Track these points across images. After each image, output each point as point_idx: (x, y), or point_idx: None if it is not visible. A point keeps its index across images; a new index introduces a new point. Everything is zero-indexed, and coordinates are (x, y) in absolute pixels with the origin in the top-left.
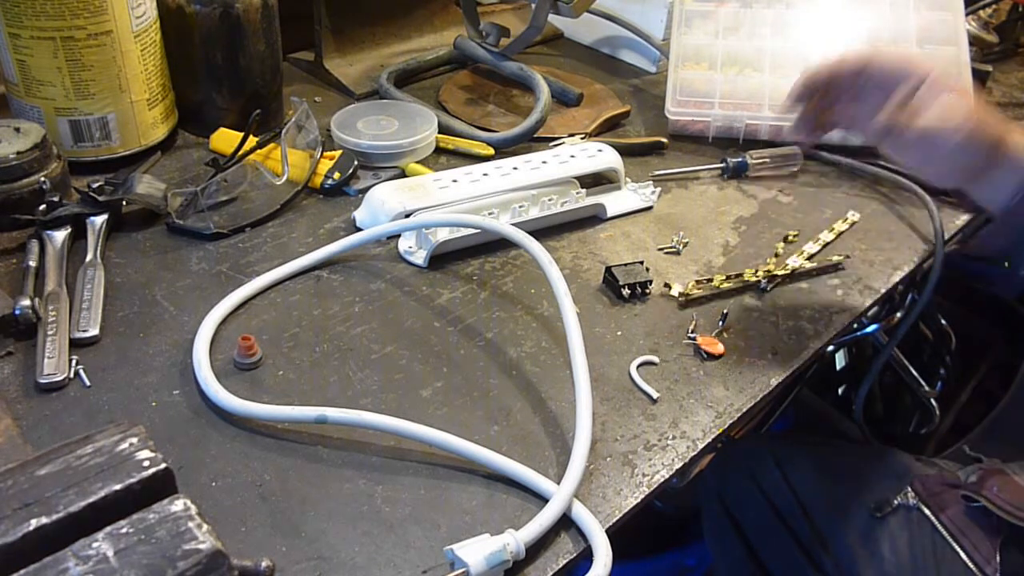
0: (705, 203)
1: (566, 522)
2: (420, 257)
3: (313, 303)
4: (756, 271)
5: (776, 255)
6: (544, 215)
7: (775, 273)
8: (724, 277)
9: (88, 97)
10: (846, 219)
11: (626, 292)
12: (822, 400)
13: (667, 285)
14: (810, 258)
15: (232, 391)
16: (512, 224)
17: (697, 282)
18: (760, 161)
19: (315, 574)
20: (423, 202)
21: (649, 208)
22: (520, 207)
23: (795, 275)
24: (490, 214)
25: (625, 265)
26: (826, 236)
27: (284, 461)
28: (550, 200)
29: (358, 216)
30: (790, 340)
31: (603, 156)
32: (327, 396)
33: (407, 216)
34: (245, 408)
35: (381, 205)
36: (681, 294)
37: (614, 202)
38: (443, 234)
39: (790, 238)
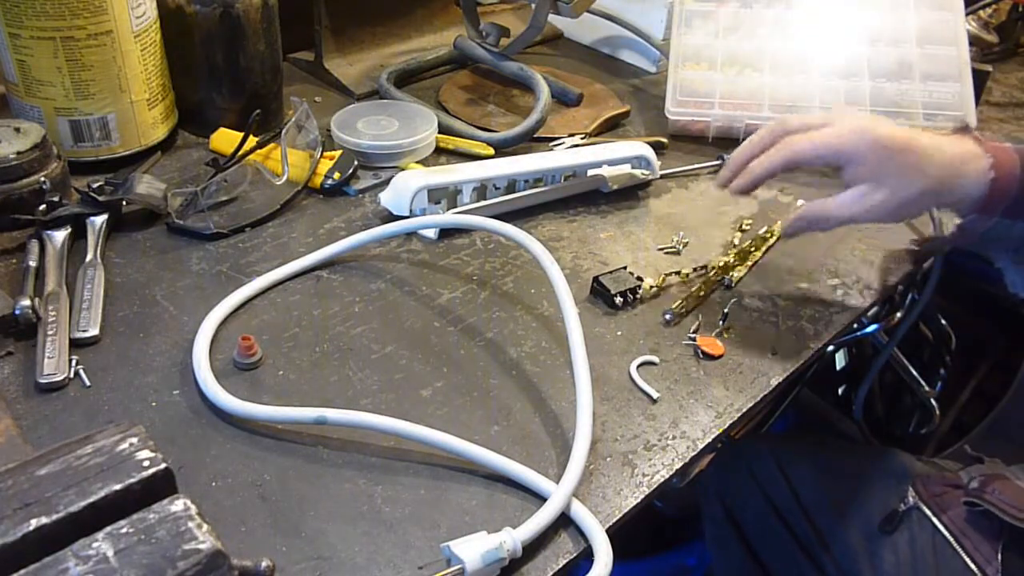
0: (705, 203)
1: (566, 522)
2: (431, 231)
3: (313, 303)
4: (723, 264)
5: (733, 245)
6: (551, 187)
7: (732, 264)
8: (692, 269)
9: (88, 97)
10: (797, 208)
11: (619, 300)
12: (822, 400)
13: (639, 279)
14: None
15: (232, 391)
16: (522, 196)
17: (666, 275)
18: None
19: (315, 574)
20: (445, 178)
21: (649, 183)
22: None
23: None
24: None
25: (611, 272)
26: (780, 227)
27: (284, 461)
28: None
29: (383, 197)
30: (790, 340)
31: (635, 146)
32: (327, 396)
33: (428, 191)
34: (244, 409)
35: (405, 183)
36: (654, 287)
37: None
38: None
39: (743, 226)
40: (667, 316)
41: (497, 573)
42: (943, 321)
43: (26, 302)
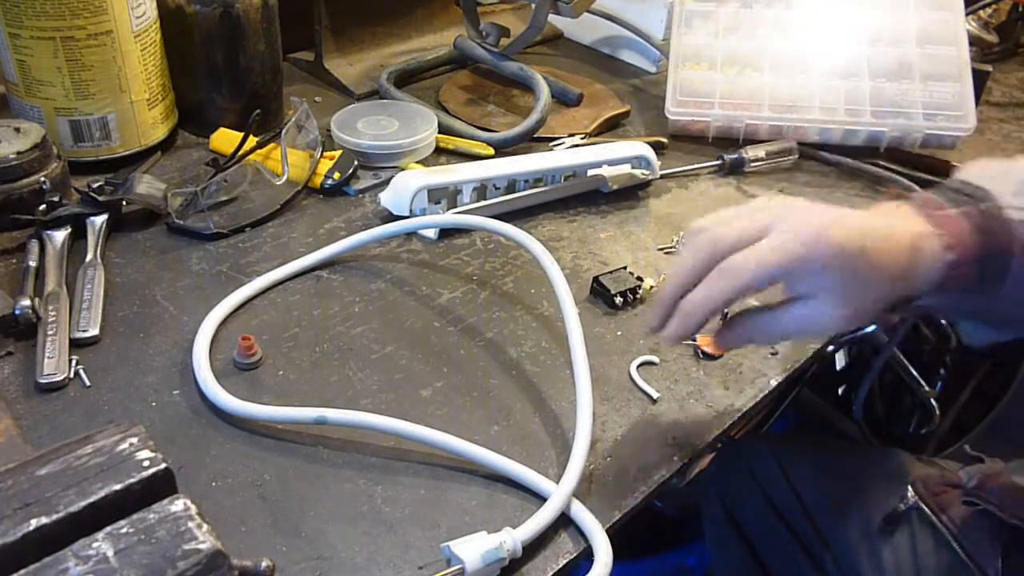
0: (705, 203)
1: (566, 522)
2: (431, 231)
3: (313, 303)
4: None
5: None
6: (551, 187)
7: None
8: None
9: (88, 97)
10: None
11: (619, 301)
12: (822, 400)
13: (639, 279)
14: None
15: (232, 391)
16: (522, 196)
17: (666, 275)
18: (756, 156)
19: (315, 574)
20: (445, 178)
21: (649, 183)
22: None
23: None
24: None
25: (611, 272)
26: None
27: (284, 461)
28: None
29: (383, 197)
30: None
31: (635, 146)
32: (327, 396)
33: (428, 191)
34: (244, 409)
35: (405, 183)
36: (653, 287)
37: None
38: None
39: None
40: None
41: (497, 573)
42: (943, 321)
43: (26, 302)
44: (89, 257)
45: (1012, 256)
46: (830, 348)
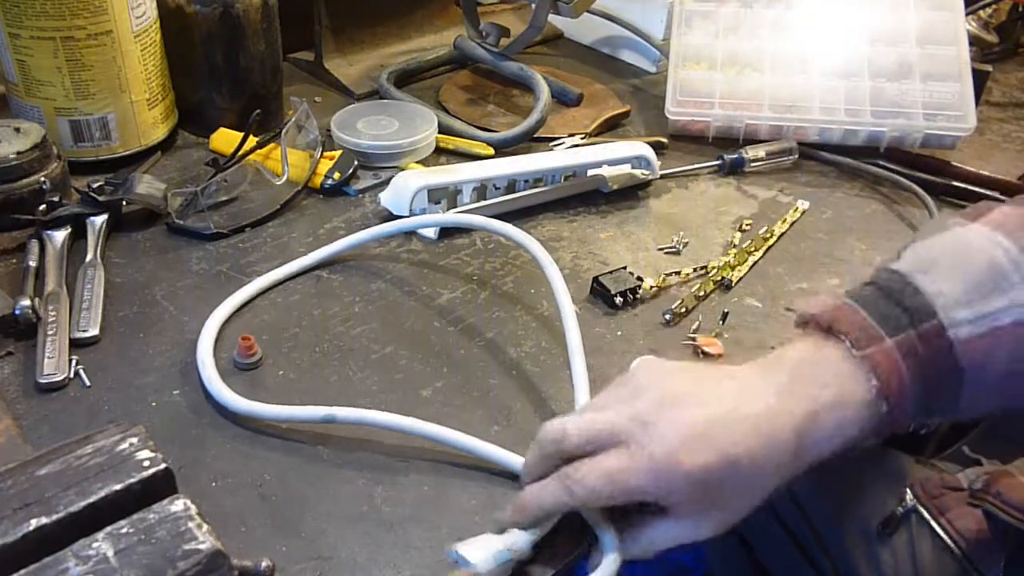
0: (705, 203)
1: (570, 521)
2: (430, 231)
3: (313, 303)
4: (723, 264)
5: (733, 245)
6: (551, 187)
7: (733, 265)
8: (692, 269)
9: (88, 97)
10: (796, 208)
11: (619, 300)
12: None
13: (639, 279)
14: (767, 251)
15: (232, 391)
16: (522, 196)
17: (666, 275)
18: (756, 156)
19: (315, 574)
20: (445, 178)
21: (649, 183)
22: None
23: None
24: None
25: (611, 272)
26: (780, 228)
27: (284, 461)
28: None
29: (383, 197)
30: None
31: (635, 146)
32: (327, 396)
33: (428, 191)
34: (250, 408)
35: (404, 182)
36: (653, 286)
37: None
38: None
39: (743, 226)
40: (667, 316)
41: (509, 574)
42: None
43: (26, 302)
44: (89, 257)
45: (962, 385)
46: None
